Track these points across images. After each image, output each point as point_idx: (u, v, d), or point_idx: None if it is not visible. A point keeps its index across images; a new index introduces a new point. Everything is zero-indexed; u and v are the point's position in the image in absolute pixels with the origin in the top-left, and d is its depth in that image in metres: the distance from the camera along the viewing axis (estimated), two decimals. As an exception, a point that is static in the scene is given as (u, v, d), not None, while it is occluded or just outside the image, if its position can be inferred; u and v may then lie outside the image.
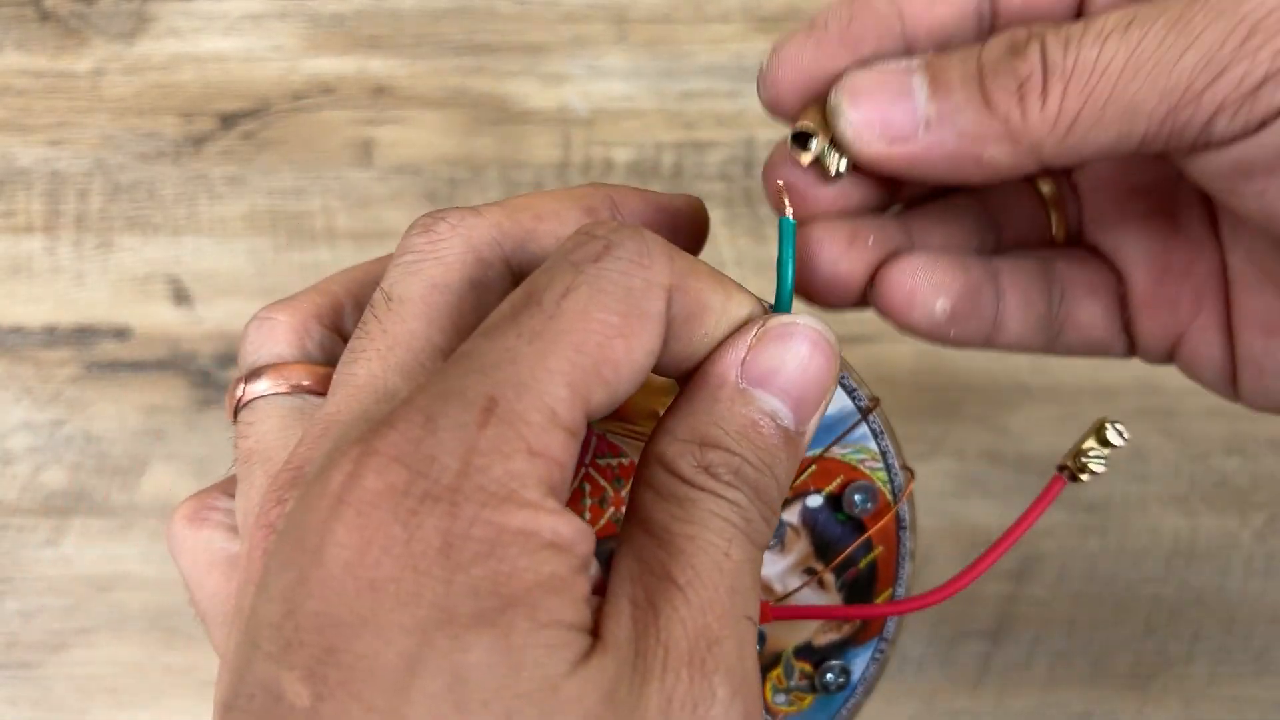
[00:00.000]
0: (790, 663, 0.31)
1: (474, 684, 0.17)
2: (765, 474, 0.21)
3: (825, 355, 0.22)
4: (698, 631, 0.19)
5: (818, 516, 0.30)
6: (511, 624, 0.18)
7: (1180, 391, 0.50)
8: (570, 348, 0.19)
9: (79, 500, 0.50)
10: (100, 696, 0.49)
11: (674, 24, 0.53)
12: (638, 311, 0.20)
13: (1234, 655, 0.49)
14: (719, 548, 0.20)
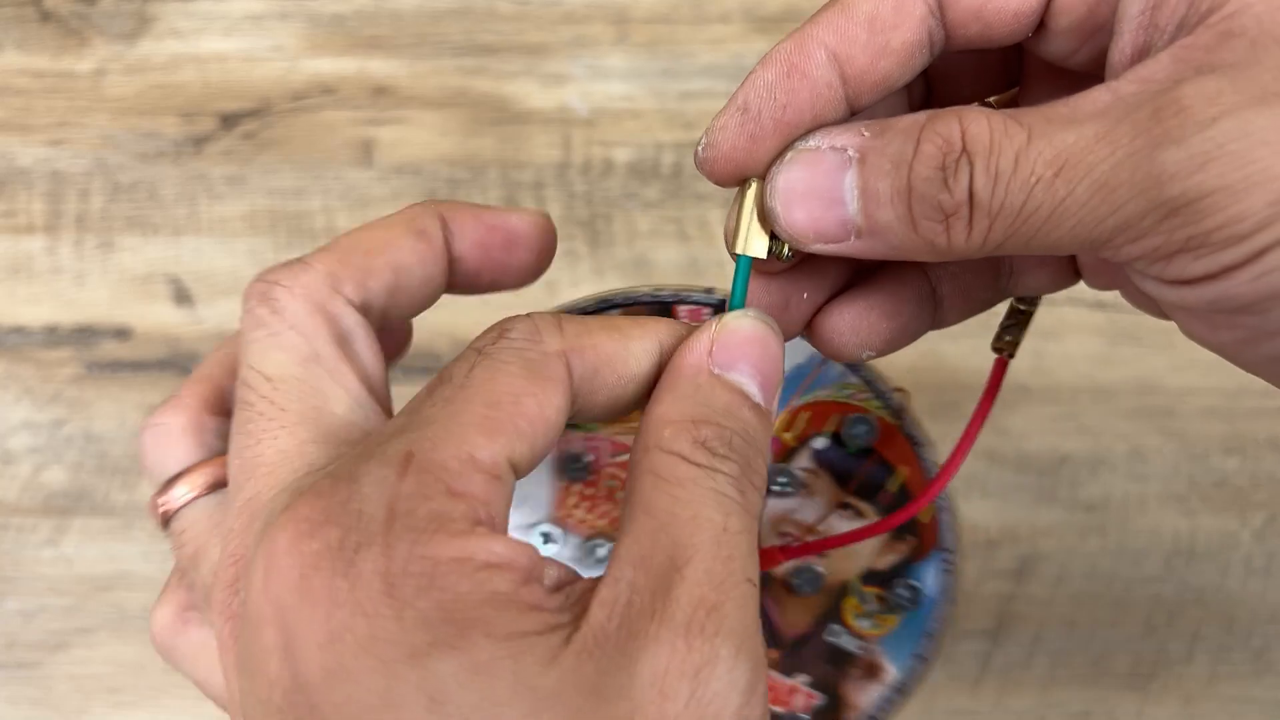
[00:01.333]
0: (860, 589, 0.32)
1: (452, 704, 0.19)
2: (751, 445, 0.23)
3: (777, 341, 0.24)
4: (695, 602, 0.20)
5: (830, 456, 0.31)
6: (471, 643, 0.19)
7: (1180, 391, 0.50)
8: (482, 404, 0.22)
9: (79, 500, 0.50)
10: (100, 696, 0.49)
11: (674, 24, 0.53)
12: (539, 376, 0.22)
13: (1234, 655, 0.49)
14: (717, 523, 0.21)
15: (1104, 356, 0.50)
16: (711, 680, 0.20)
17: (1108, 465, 0.49)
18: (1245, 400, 0.50)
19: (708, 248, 0.51)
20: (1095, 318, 0.50)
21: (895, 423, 0.31)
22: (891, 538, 0.32)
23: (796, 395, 0.31)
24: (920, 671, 0.33)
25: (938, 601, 0.32)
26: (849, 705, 0.33)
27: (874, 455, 0.31)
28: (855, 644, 0.33)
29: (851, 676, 0.33)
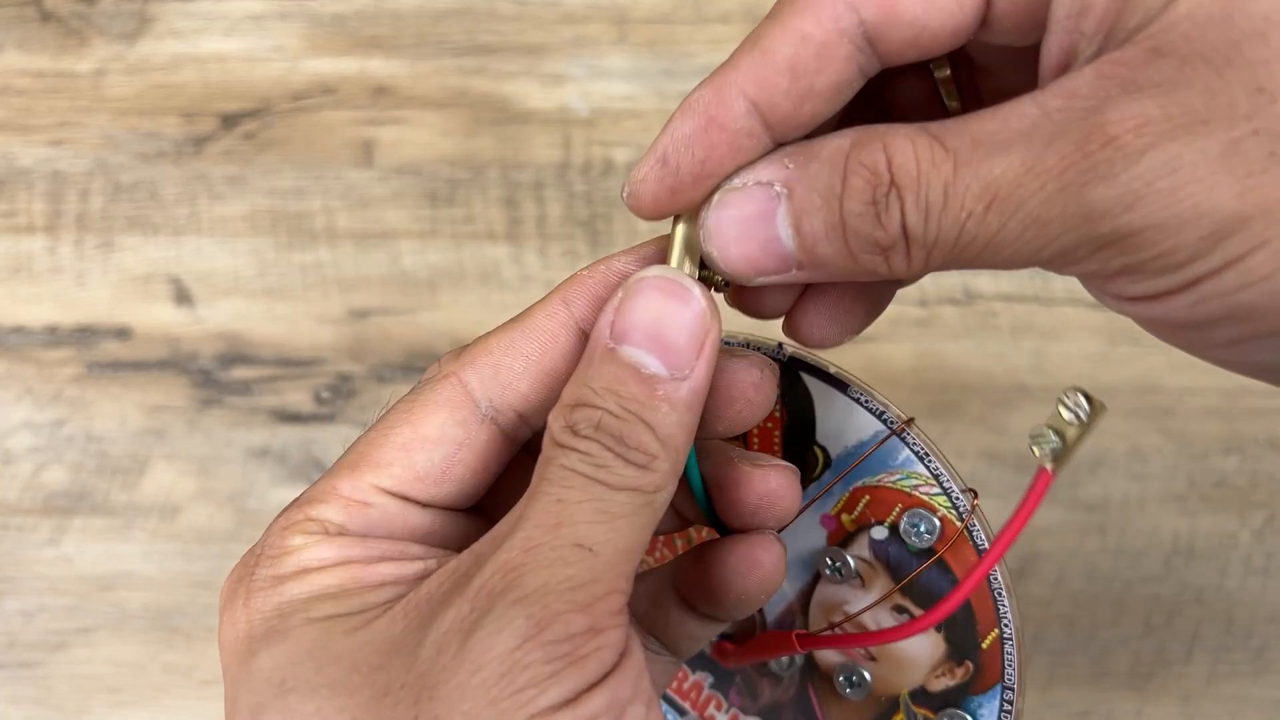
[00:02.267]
0: (910, 708, 0.30)
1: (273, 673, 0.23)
2: (630, 420, 0.23)
3: (679, 297, 0.24)
4: (497, 567, 0.22)
5: (887, 549, 0.29)
6: (291, 626, 0.23)
7: (1179, 391, 0.50)
8: (363, 445, 0.25)
9: (80, 500, 0.50)
10: (100, 696, 0.49)
11: (674, 24, 0.53)
12: (418, 404, 0.25)
13: (1233, 654, 0.49)
14: (551, 495, 0.22)
15: (1104, 356, 0.50)
16: (477, 631, 0.21)
17: (1108, 465, 0.49)
18: (1245, 400, 0.50)
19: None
20: (1095, 318, 0.50)
21: (959, 526, 0.29)
22: (948, 659, 0.30)
23: (852, 470, 0.30)
24: None
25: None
26: None
27: (934, 557, 0.29)
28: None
29: None
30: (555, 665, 0.21)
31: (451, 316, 0.51)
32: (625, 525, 0.22)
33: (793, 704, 0.32)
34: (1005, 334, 0.50)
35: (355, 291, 0.51)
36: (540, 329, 0.26)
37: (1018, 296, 0.50)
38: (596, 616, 0.21)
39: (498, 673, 0.21)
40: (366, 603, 0.23)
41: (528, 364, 0.26)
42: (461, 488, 0.26)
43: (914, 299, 0.50)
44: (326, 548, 0.24)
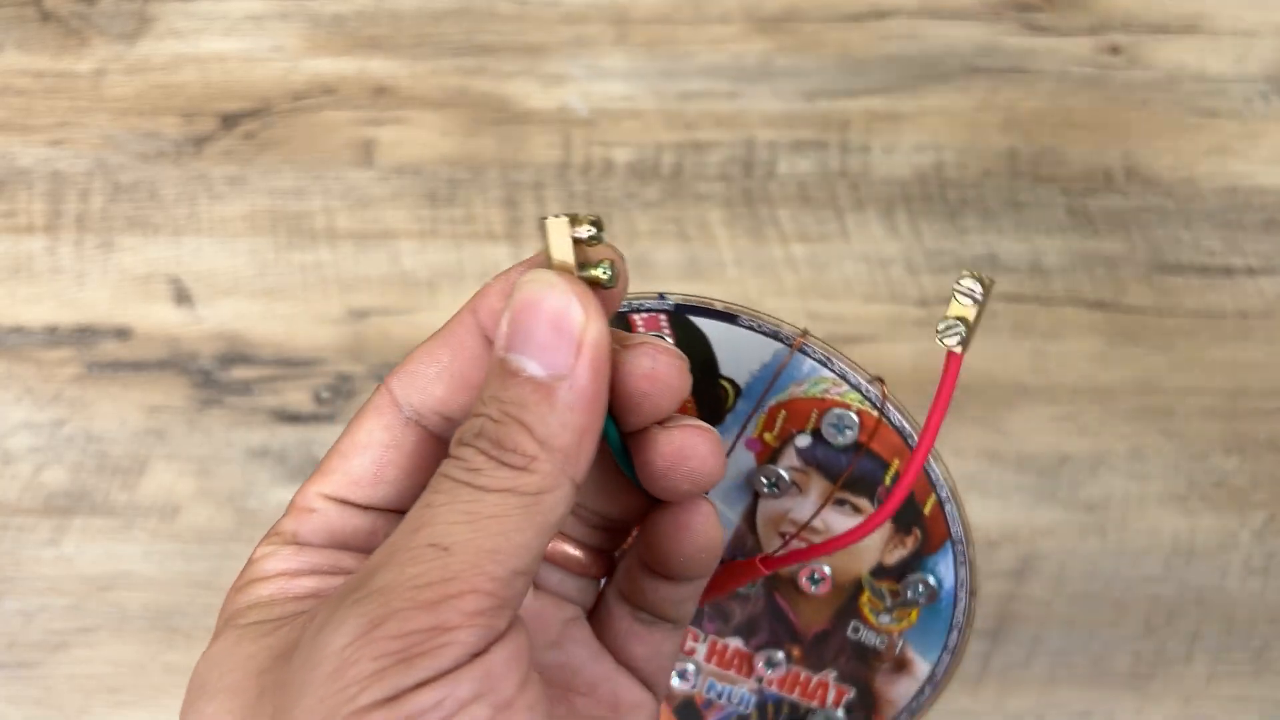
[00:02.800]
0: (873, 585, 0.32)
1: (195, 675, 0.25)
2: (507, 423, 0.23)
3: (549, 298, 0.24)
4: (361, 571, 0.22)
5: (815, 453, 0.31)
6: (222, 634, 0.25)
7: (1180, 391, 0.50)
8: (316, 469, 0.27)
9: (80, 500, 0.50)
10: (100, 696, 0.49)
11: (674, 24, 0.53)
12: (359, 416, 0.27)
13: (1233, 654, 0.49)
14: (423, 501, 0.23)
15: (1104, 356, 0.50)
16: (323, 630, 0.21)
17: (1108, 465, 0.49)
18: (1245, 400, 0.50)
19: (708, 248, 0.51)
20: (1095, 318, 0.50)
21: (876, 415, 0.30)
22: (896, 532, 0.32)
23: (764, 396, 0.31)
24: (950, 663, 0.33)
25: (957, 594, 0.32)
26: (882, 699, 0.34)
27: (861, 449, 0.31)
28: (878, 639, 0.33)
29: (879, 670, 0.34)
30: (381, 662, 0.21)
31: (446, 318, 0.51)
32: (494, 525, 0.22)
33: (765, 615, 0.34)
34: (1005, 334, 0.50)
35: (355, 291, 0.51)
36: (451, 336, 0.27)
37: (1018, 296, 0.50)
38: (443, 615, 0.21)
39: (329, 670, 0.21)
40: (285, 611, 0.24)
41: (439, 369, 0.26)
42: (397, 489, 0.27)
43: (914, 299, 0.50)
44: (272, 561, 0.26)
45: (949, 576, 0.32)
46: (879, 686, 0.34)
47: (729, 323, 0.30)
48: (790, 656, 0.34)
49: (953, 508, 0.31)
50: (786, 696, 0.34)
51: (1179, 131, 0.52)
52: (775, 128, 0.52)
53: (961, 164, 0.52)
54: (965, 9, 0.53)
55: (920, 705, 0.33)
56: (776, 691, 0.34)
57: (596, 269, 0.25)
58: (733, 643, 0.34)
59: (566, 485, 0.23)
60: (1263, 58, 0.53)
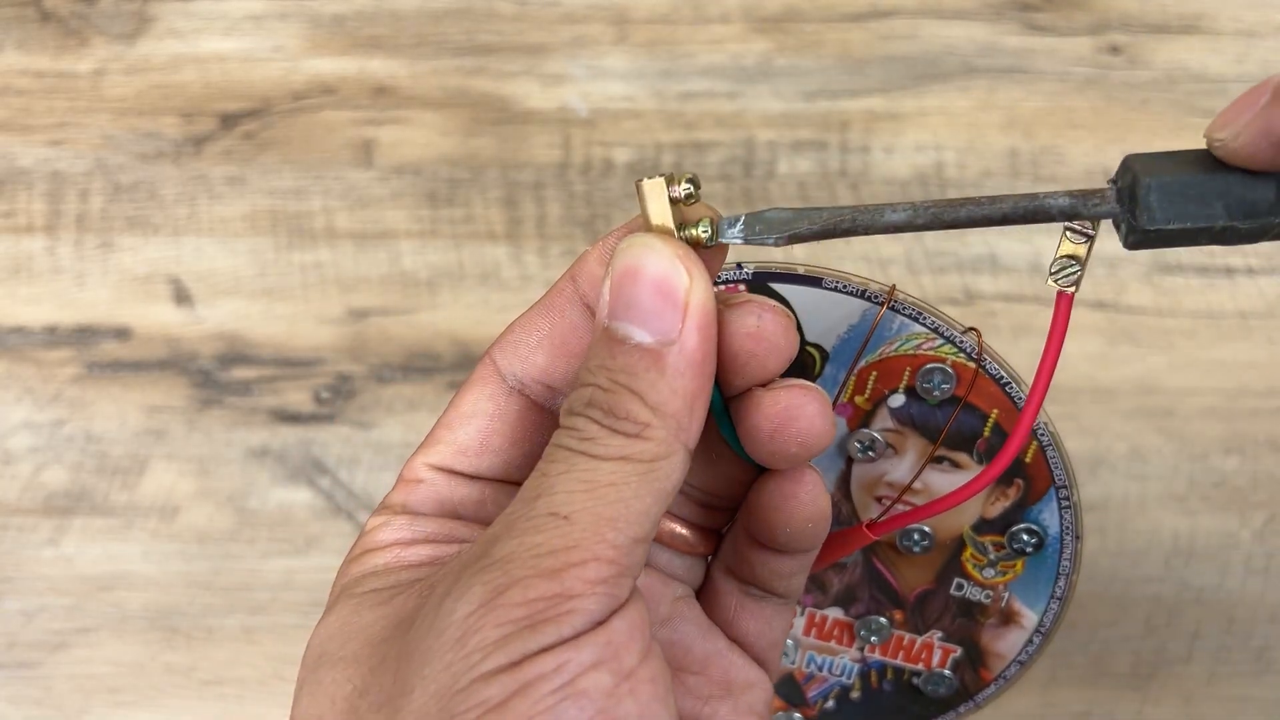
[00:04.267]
0: (976, 540, 0.31)
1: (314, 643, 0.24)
2: (618, 391, 0.23)
3: (651, 262, 0.24)
4: (482, 539, 0.23)
5: (910, 411, 0.30)
6: (338, 602, 0.25)
7: (1180, 391, 0.50)
8: (423, 442, 0.27)
9: (80, 500, 0.50)
10: (100, 696, 0.49)
11: (674, 24, 0.53)
12: (465, 385, 0.27)
13: (1233, 655, 0.49)
14: (538, 471, 0.23)
15: (1104, 356, 0.50)
16: (445, 599, 0.22)
17: (1107, 465, 0.49)
18: (1245, 400, 0.50)
19: (708, 248, 0.51)
20: (1095, 318, 0.50)
21: (973, 365, 0.29)
22: (998, 484, 0.31)
23: (858, 358, 0.30)
24: (1060, 613, 0.32)
25: (1063, 540, 0.31)
26: (990, 654, 0.33)
27: (959, 403, 0.30)
28: (983, 593, 0.32)
29: (986, 626, 0.33)
30: (505, 629, 0.21)
31: (451, 316, 0.51)
32: (612, 493, 0.22)
33: (864, 581, 0.33)
34: (1005, 334, 0.50)
35: (355, 291, 0.51)
36: (551, 305, 0.26)
37: (1018, 296, 0.50)
38: (566, 583, 0.21)
39: (454, 637, 0.21)
40: (400, 580, 0.25)
41: (540, 338, 0.26)
42: (504, 457, 0.27)
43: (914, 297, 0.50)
44: (385, 531, 0.26)
45: (1054, 523, 0.31)
46: (986, 641, 0.33)
47: (813, 286, 0.29)
48: (893, 621, 0.33)
49: (1055, 452, 0.30)
50: (890, 662, 0.34)
51: (1179, 131, 0.52)
52: (775, 128, 0.52)
53: (961, 164, 0.52)
54: (965, 9, 0.53)
55: (1031, 656, 0.33)
56: (880, 658, 0.34)
57: (696, 228, 0.24)
58: (832, 613, 0.34)
59: (680, 451, 0.23)
60: (1263, 58, 0.53)
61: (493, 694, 0.20)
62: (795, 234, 0.25)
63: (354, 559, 0.26)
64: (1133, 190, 0.24)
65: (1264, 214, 0.24)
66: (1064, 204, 0.25)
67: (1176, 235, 0.24)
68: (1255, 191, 0.24)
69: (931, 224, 0.25)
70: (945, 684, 0.34)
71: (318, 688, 0.23)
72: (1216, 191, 0.24)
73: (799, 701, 0.35)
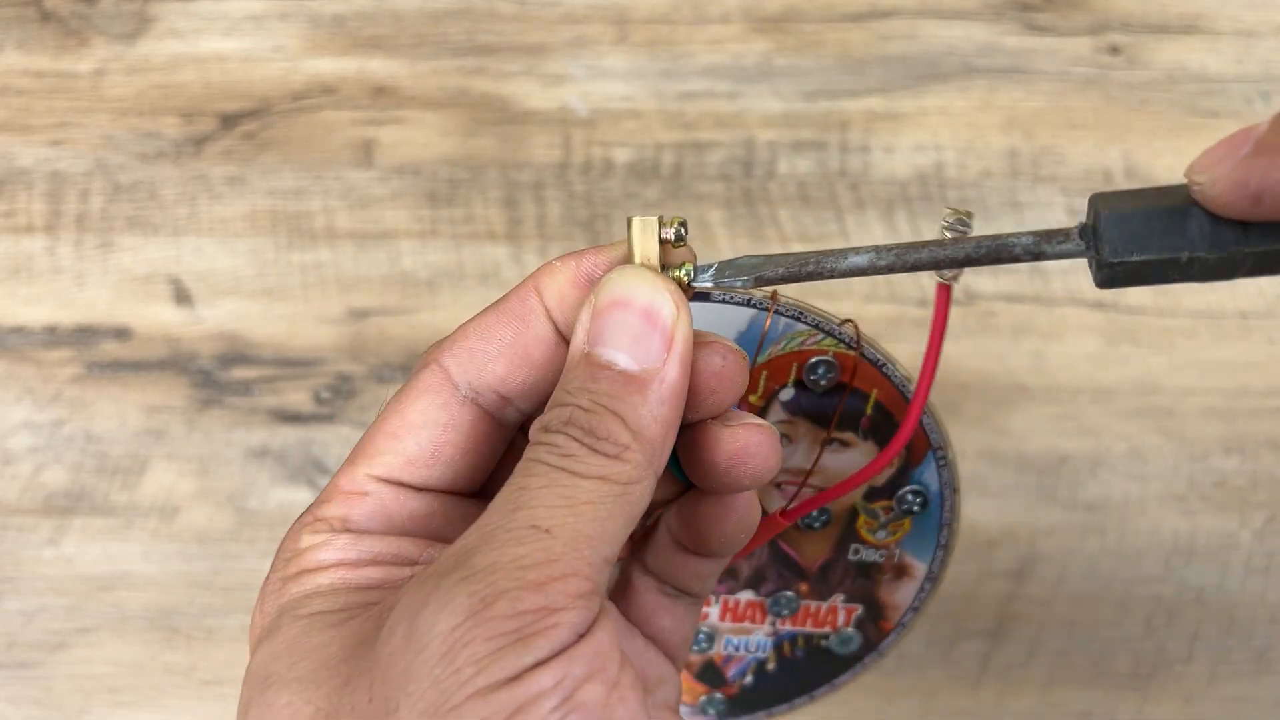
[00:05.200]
0: (867, 508, 0.34)
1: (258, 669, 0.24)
2: (600, 413, 0.24)
3: (646, 295, 0.25)
4: (452, 553, 0.22)
5: (800, 402, 0.32)
6: (282, 625, 0.24)
7: (1180, 391, 0.50)
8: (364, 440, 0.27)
9: (79, 500, 0.50)
10: (100, 696, 0.49)
11: (674, 24, 0.53)
12: (406, 391, 0.26)
13: (1234, 655, 0.49)
14: (515, 485, 0.23)
15: (1104, 356, 0.50)
16: (422, 612, 0.21)
17: (1108, 465, 0.49)
18: (1245, 400, 0.50)
19: (708, 248, 0.51)
20: (1095, 318, 0.50)
21: (853, 353, 0.31)
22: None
23: (756, 357, 0.32)
24: (945, 559, 0.34)
25: (943, 495, 0.33)
26: (888, 605, 0.36)
27: (845, 389, 0.32)
28: (877, 554, 0.35)
29: (883, 582, 0.35)
30: (498, 642, 0.21)
31: (451, 316, 0.51)
32: (590, 511, 0.22)
33: (770, 563, 0.35)
34: (1005, 334, 0.50)
35: (355, 291, 0.51)
36: (512, 314, 0.26)
37: (1018, 296, 0.50)
38: (551, 596, 0.21)
39: (440, 651, 0.21)
40: (349, 601, 0.24)
41: (501, 346, 0.26)
42: (455, 469, 0.27)
43: (914, 299, 0.50)
44: (327, 550, 0.25)
45: (934, 481, 0.33)
46: (883, 596, 0.36)
47: (700, 301, 0.30)
48: (799, 593, 0.35)
49: (929, 418, 0.32)
50: (801, 630, 0.36)
51: (1179, 131, 0.52)
52: (775, 128, 0.52)
53: (961, 164, 0.52)
54: (965, 9, 0.53)
55: (922, 602, 0.35)
56: (791, 628, 0.36)
57: (680, 270, 0.26)
58: (744, 596, 0.36)
59: (650, 478, 0.24)
60: (1263, 58, 0.53)
61: (491, 711, 0.20)
62: (761, 277, 0.26)
63: (291, 578, 0.25)
64: (1095, 226, 0.24)
65: (1231, 244, 0.24)
66: (1028, 243, 0.25)
67: (1143, 269, 0.24)
68: (1217, 226, 0.24)
69: (894, 266, 0.26)
70: (852, 640, 0.36)
71: (268, 710, 0.23)
72: (1180, 222, 0.24)
73: (720, 683, 0.37)
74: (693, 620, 0.30)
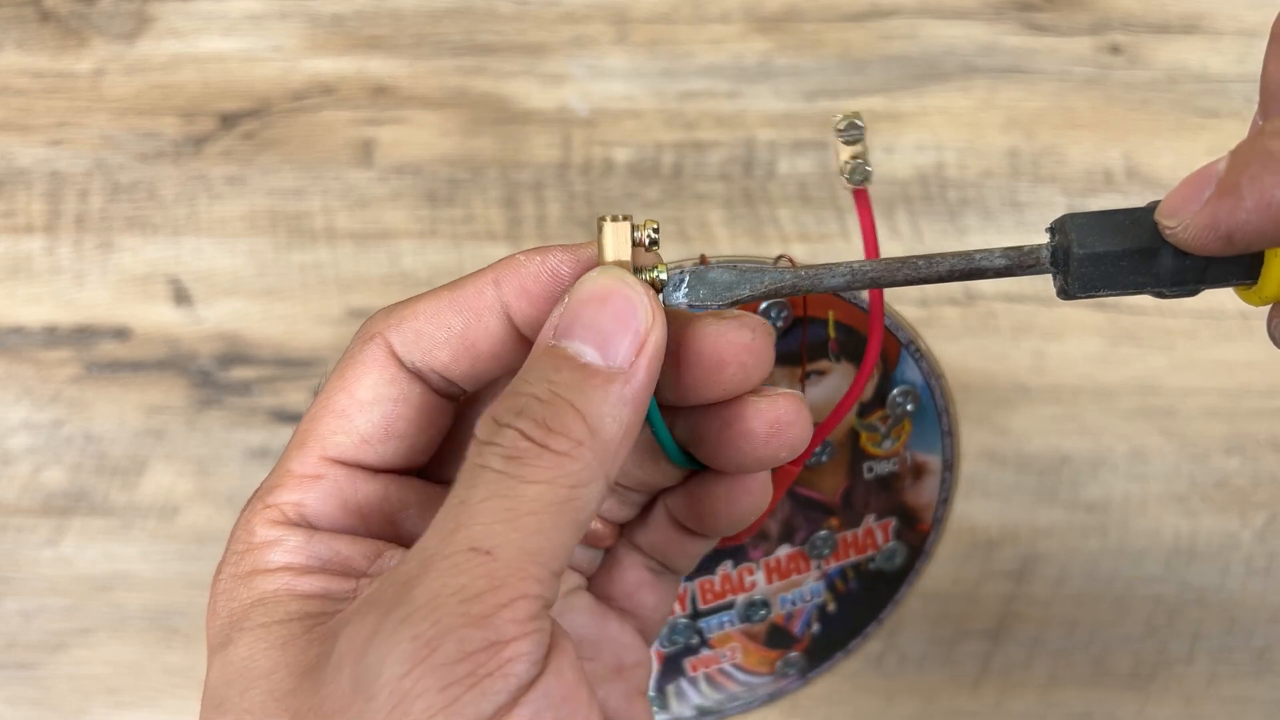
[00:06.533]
0: (865, 425, 0.34)
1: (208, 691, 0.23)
2: (556, 403, 0.22)
3: (620, 294, 0.24)
4: (389, 582, 0.21)
5: None
6: (230, 639, 0.23)
7: (1180, 391, 0.50)
8: (306, 421, 0.26)
9: (79, 500, 0.50)
10: (100, 696, 0.49)
11: (674, 24, 0.53)
12: (348, 366, 0.26)
13: (1234, 655, 0.49)
14: (456, 498, 0.22)
15: (1104, 356, 0.50)
16: (367, 655, 0.20)
17: (1108, 465, 0.49)
18: (1246, 400, 0.50)
19: (708, 248, 0.51)
20: (1095, 318, 0.50)
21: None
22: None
23: None
24: (954, 444, 0.35)
25: (930, 385, 0.34)
26: (918, 507, 0.36)
27: (801, 323, 0.32)
28: (890, 463, 0.35)
29: (905, 488, 0.35)
30: (452, 692, 0.19)
31: (451, 317, 0.51)
32: (533, 522, 0.21)
33: (796, 511, 0.35)
34: (1005, 334, 0.50)
35: (355, 291, 0.51)
36: (465, 304, 0.26)
37: (1018, 296, 0.50)
38: (498, 628, 0.20)
39: (390, 703, 0.20)
40: (289, 612, 0.23)
41: (449, 335, 0.26)
42: (408, 444, 0.26)
43: (914, 299, 0.50)
44: (278, 552, 0.25)
45: (917, 376, 0.33)
46: (910, 500, 0.36)
47: None
48: (832, 528, 0.35)
49: (889, 319, 0.32)
50: (846, 562, 0.36)
51: (1179, 131, 0.52)
52: (775, 128, 0.52)
53: (962, 164, 0.52)
54: (965, 9, 0.53)
55: (949, 491, 0.36)
56: (837, 564, 0.36)
57: (652, 272, 0.25)
58: (783, 551, 0.36)
59: (601, 481, 0.23)
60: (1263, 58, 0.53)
61: None
62: (737, 299, 0.26)
63: (240, 578, 0.24)
64: (1066, 253, 0.25)
65: (1190, 281, 0.25)
66: (1000, 263, 0.26)
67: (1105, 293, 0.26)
68: (1183, 261, 0.25)
69: (871, 286, 0.26)
70: (896, 553, 0.37)
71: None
72: (1149, 260, 0.25)
73: (789, 642, 0.37)
74: (671, 597, 0.30)
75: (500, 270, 0.26)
